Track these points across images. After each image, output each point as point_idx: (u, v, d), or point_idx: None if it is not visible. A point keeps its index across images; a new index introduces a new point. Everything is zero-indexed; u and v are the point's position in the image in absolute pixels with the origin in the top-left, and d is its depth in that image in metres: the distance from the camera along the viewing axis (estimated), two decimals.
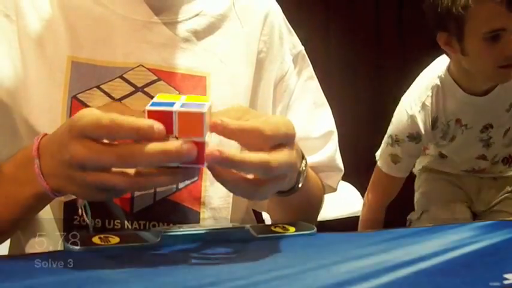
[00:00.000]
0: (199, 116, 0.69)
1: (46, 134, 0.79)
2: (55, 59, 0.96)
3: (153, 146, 0.68)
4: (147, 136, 0.68)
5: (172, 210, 0.98)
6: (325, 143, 1.14)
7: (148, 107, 0.70)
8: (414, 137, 1.97)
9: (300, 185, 0.89)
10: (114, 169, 0.70)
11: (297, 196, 0.91)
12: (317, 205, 1.14)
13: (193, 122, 0.69)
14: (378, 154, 2.13)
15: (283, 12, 1.19)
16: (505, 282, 0.57)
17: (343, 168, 1.18)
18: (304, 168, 0.90)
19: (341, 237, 0.89)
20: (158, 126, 0.68)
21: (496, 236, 0.84)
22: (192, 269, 0.66)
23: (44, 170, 0.76)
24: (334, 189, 1.19)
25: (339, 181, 1.18)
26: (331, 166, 1.16)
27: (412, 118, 1.95)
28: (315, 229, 0.90)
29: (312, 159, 1.10)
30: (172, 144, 0.68)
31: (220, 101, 0.98)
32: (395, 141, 2.02)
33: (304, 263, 0.69)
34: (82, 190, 0.73)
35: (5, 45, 0.96)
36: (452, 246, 0.77)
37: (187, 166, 0.70)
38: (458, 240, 0.82)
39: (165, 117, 0.69)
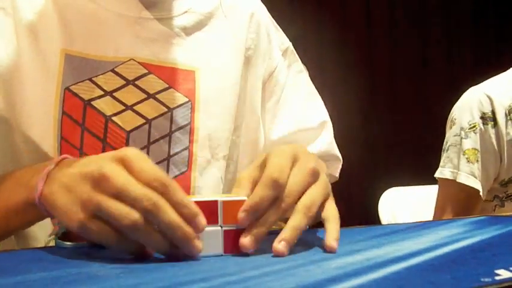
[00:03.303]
0: (243, 203, 0.70)
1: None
2: (48, 51, 0.98)
3: (179, 218, 0.66)
4: (188, 219, 0.67)
5: None
6: (321, 132, 1.19)
7: (194, 199, 0.70)
8: (490, 117, 1.68)
9: None
10: None
11: None
12: None
13: (238, 210, 0.70)
14: (440, 170, 1.79)
15: (277, 8, 1.21)
16: (497, 278, 0.57)
17: (341, 156, 1.22)
18: None
19: None
20: (202, 219, 0.67)
21: (487, 232, 0.84)
22: (183, 265, 0.66)
23: (51, 175, 0.72)
24: (336, 178, 1.23)
25: (339, 169, 1.23)
26: (330, 155, 1.21)
27: (486, 95, 1.70)
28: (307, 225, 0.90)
29: (310, 148, 1.15)
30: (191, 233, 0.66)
31: (209, 95, 1.05)
32: (469, 129, 1.69)
33: (295, 258, 0.69)
34: (70, 203, 0.67)
35: (1, 38, 0.97)
36: (443, 242, 0.77)
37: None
38: (450, 236, 0.82)
39: (210, 207, 0.70)
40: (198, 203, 0.70)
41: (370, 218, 2.20)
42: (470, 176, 1.70)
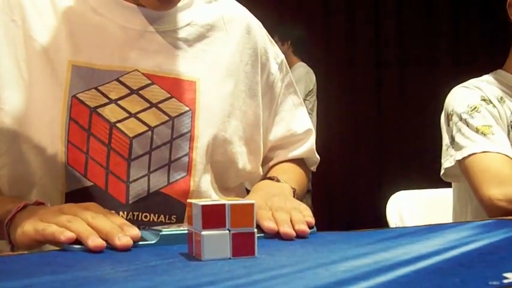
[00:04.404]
0: (250, 207, 0.72)
1: None
2: (56, 61, 1.03)
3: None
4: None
5: (163, 202, 1.05)
6: (307, 138, 1.31)
7: (201, 203, 0.71)
8: (489, 100, 1.64)
9: None
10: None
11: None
12: (304, 189, 1.34)
13: (245, 213, 0.72)
14: (451, 157, 1.66)
15: (283, 11, 1.23)
16: (505, 281, 0.57)
17: (319, 157, 1.37)
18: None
19: (340, 236, 0.89)
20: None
21: (495, 235, 0.84)
22: (192, 268, 0.66)
23: (27, 210, 0.88)
24: (312, 171, 1.43)
25: (315, 166, 1.40)
26: (311, 157, 1.35)
27: (475, 87, 1.66)
28: (315, 228, 0.90)
29: (299, 151, 1.30)
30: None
31: (209, 104, 1.09)
32: (471, 111, 1.63)
33: (303, 262, 0.69)
34: (34, 219, 0.83)
35: (11, 48, 1.03)
36: (451, 245, 0.77)
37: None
38: (458, 239, 0.82)
39: (218, 210, 0.71)
40: (205, 206, 0.70)
41: (378, 221, 2.19)
42: (496, 145, 1.56)
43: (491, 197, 1.52)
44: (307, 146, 1.31)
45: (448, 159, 1.67)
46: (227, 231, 0.71)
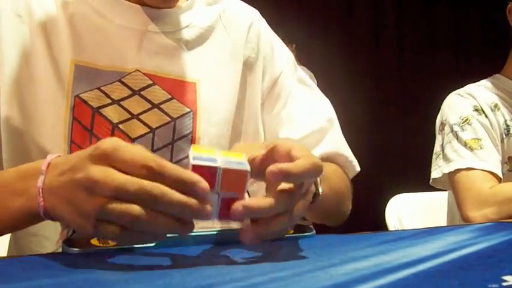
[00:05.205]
0: (244, 174, 0.71)
1: (60, 156, 0.76)
2: (60, 60, 1.03)
3: (180, 197, 0.66)
4: (189, 190, 0.67)
5: None
6: (322, 136, 1.19)
7: (193, 161, 0.69)
8: (481, 109, 1.67)
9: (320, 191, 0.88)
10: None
11: (320, 203, 0.90)
12: (344, 198, 1.22)
13: (237, 180, 0.71)
14: (439, 168, 1.71)
15: (283, 15, 1.23)
16: (504, 284, 0.57)
17: (349, 154, 1.24)
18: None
19: (339, 238, 0.89)
20: (203, 185, 0.67)
21: (494, 238, 0.84)
22: (191, 271, 0.66)
23: (46, 187, 0.73)
24: (356, 171, 1.29)
25: (352, 167, 1.26)
26: (338, 155, 1.21)
27: (469, 94, 1.70)
28: (314, 231, 0.90)
29: (317, 151, 1.17)
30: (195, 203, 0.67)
31: (209, 105, 1.10)
32: (462, 123, 1.67)
33: (302, 264, 0.69)
34: (75, 215, 0.69)
35: (16, 43, 1.03)
36: (450, 248, 0.77)
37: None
38: (457, 242, 0.82)
39: (209, 172, 0.69)
40: (196, 167, 0.69)
41: (378, 224, 2.19)
42: (481, 161, 1.61)
43: (471, 219, 1.55)
44: (327, 143, 1.19)
45: (436, 170, 1.70)
46: (216, 195, 0.70)
